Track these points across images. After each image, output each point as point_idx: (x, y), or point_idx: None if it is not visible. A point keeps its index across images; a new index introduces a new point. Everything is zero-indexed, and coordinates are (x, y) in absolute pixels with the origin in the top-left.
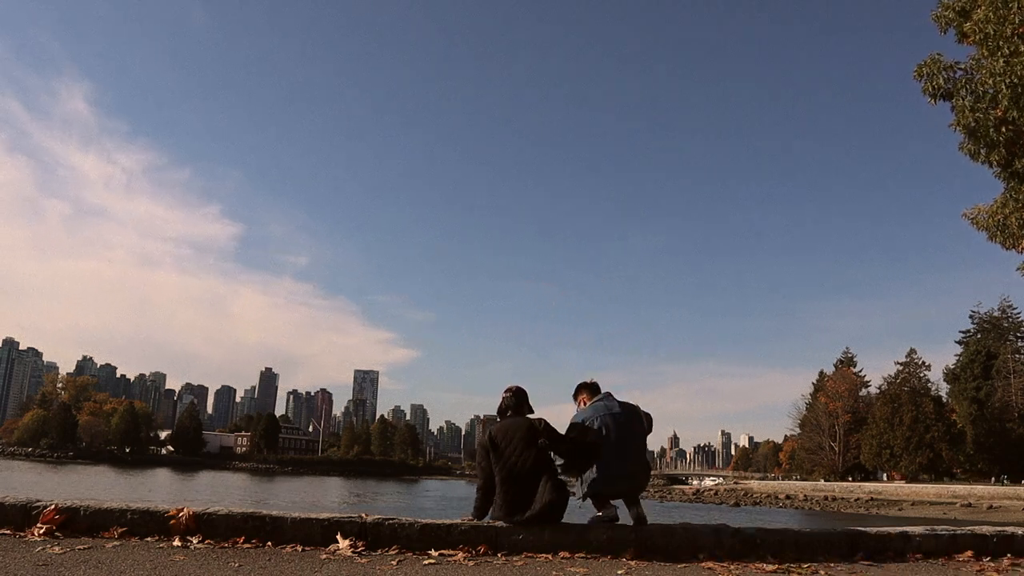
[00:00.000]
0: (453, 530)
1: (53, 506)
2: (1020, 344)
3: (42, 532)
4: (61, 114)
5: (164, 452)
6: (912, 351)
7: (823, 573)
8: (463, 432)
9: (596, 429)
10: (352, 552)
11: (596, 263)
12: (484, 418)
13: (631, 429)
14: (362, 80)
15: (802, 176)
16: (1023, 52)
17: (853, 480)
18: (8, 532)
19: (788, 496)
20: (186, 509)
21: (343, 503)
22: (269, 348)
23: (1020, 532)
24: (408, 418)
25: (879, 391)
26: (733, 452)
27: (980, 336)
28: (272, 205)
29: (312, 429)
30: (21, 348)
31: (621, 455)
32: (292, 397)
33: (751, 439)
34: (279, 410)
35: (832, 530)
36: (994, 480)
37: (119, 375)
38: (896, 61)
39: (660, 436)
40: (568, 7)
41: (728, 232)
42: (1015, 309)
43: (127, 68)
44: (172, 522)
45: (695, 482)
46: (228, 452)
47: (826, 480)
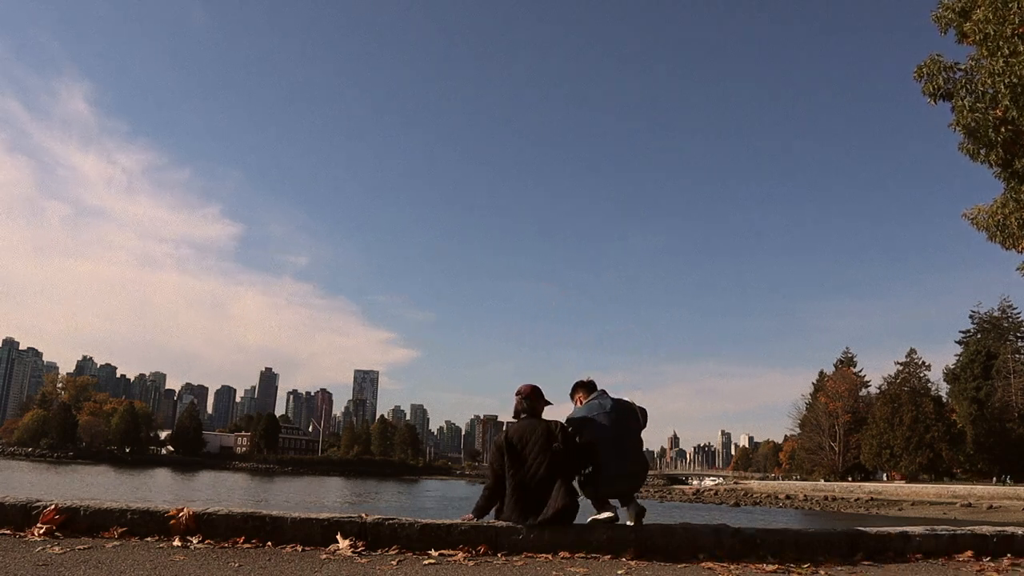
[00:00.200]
0: (453, 530)
1: (53, 506)
2: (1020, 344)
3: (42, 532)
4: (61, 114)
5: (164, 452)
6: (912, 351)
7: (823, 573)
8: (463, 432)
9: (590, 428)
10: (352, 552)
11: (596, 263)
12: (484, 418)
13: (627, 426)
14: (362, 80)
15: (802, 176)
16: (1023, 52)
17: (853, 480)
18: (8, 532)
19: (788, 496)
20: (186, 509)
21: (343, 503)
22: (269, 348)
23: (1020, 532)
24: (408, 418)
25: (879, 391)
26: (733, 452)
27: (980, 336)
28: (272, 205)
29: (312, 429)
30: (21, 348)
31: (620, 454)
32: (292, 397)
33: (751, 439)
34: (279, 410)
35: (832, 530)
36: (996, 480)
37: (119, 375)
38: (896, 61)
39: (660, 436)
40: (568, 7)
41: (728, 232)
42: (1015, 309)
43: (127, 68)
44: (172, 522)
45: (695, 482)
46: (228, 452)
47: (826, 480)
